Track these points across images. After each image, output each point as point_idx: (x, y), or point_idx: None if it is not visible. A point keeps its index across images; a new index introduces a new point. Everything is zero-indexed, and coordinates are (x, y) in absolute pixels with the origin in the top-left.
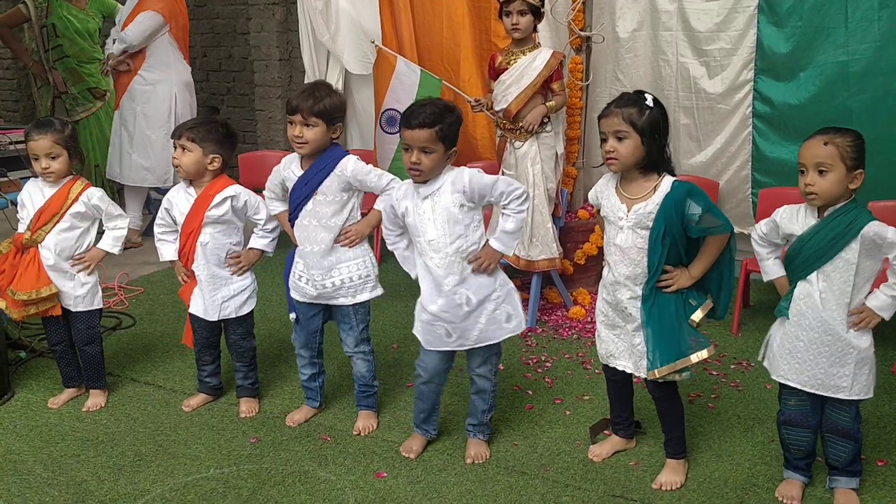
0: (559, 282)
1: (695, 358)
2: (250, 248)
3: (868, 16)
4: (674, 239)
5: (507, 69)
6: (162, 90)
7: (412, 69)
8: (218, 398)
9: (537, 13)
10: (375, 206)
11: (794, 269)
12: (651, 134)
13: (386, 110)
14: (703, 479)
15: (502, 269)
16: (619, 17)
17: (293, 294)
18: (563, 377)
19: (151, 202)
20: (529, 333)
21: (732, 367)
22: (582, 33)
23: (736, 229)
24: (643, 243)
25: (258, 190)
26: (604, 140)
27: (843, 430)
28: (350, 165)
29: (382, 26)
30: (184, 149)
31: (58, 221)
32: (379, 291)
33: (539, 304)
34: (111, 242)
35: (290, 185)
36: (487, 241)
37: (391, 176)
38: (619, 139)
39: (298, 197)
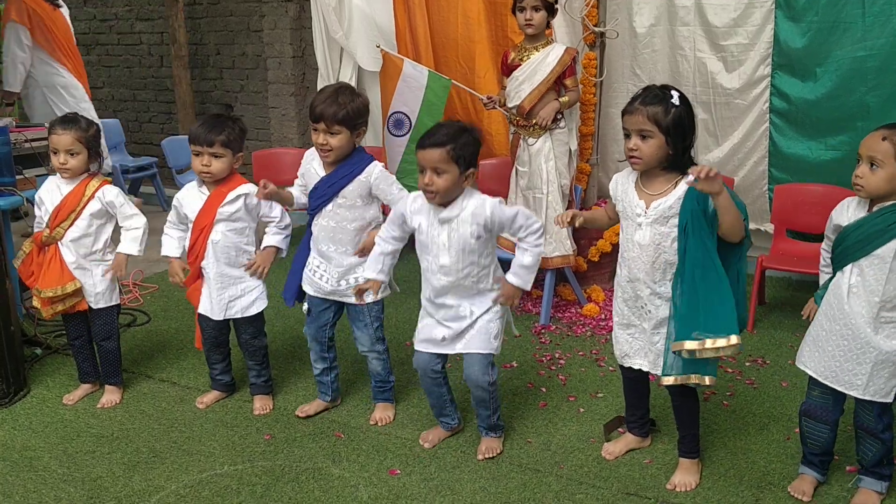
0: (573, 279)
1: (709, 381)
2: (265, 248)
3: (886, 10)
4: (699, 235)
5: (519, 65)
6: (36, 98)
7: (419, 71)
8: (231, 394)
9: (551, 9)
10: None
11: (834, 258)
12: (676, 133)
13: (393, 113)
14: (717, 476)
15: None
16: (637, 13)
17: (306, 287)
18: (577, 374)
19: (165, 198)
20: (543, 331)
21: (748, 364)
22: (596, 29)
23: (752, 225)
24: (661, 240)
25: None
26: (627, 136)
27: (867, 429)
28: (376, 172)
29: (396, 22)
30: (216, 156)
31: (75, 219)
32: (388, 291)
33: (553, 302)
34: (129, 244)
35: (310, 181)
36: (505, 278)
37: (403, 192)
38: (643, 137)
39: (320, 197)
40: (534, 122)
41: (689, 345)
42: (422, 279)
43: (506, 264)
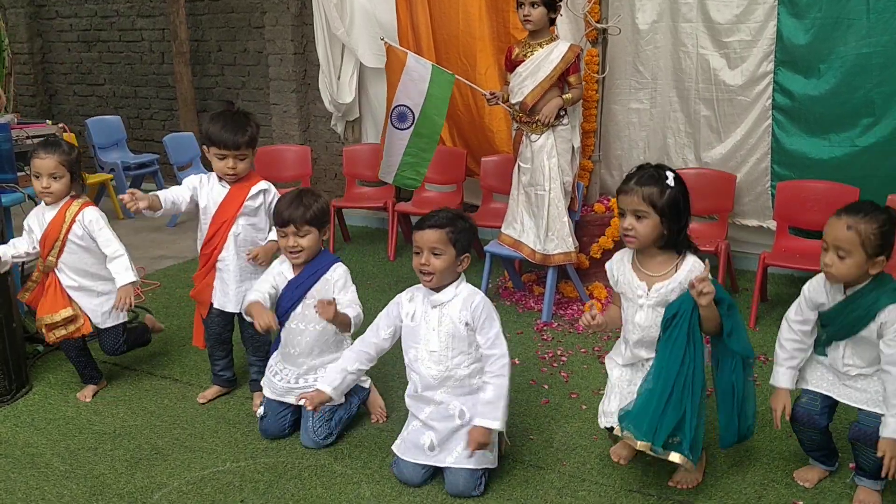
0: (575, 276)
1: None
2: (268, 241)
3: (891, 6)
4: (687, 324)
5: (523, 61)
6: None
7: (423, 64)
8: (232, 390)
9: (552, 6)
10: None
11: (827, 334)
12: (671, 213)
13: (396, 106)
14: (720, 473)
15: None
16: (639, 9)
17: (265, 390)
18: (579, 371)
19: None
20: (545, 328)
21: (750, 361)
22: (598, 25)
23: (754, 222)
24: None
25: (273, 184)
26: (622, 215)
27: (868, 439)
28: (339, 271)
29: (398, 19)
30: (241, 158)
31: (62, 246)
32: (367, 384)
33: (554, 299)
34: (125, 274)
35: (280, 285)
36: (473, 424)
37: (359, 308)
38: (638, 218)
39: (290, 300)
40: (536, 118)
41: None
42: (407, 377)
43: (503, 260)
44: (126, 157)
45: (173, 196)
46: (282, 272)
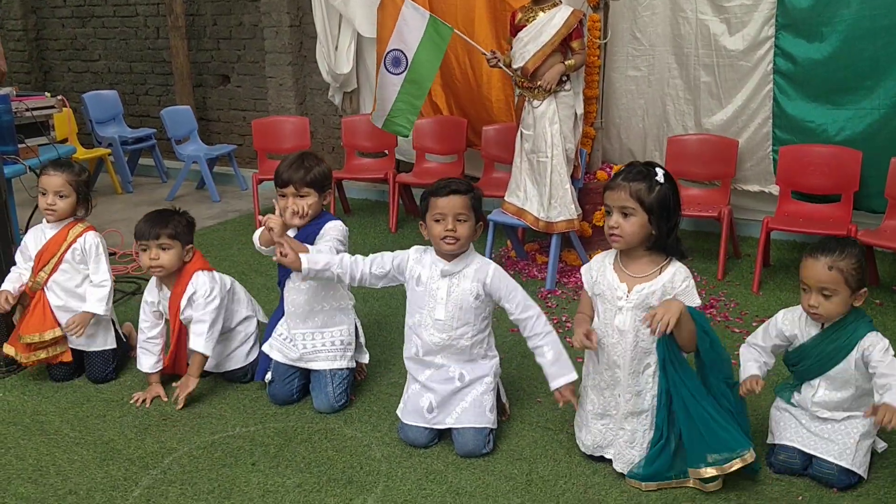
0: (578, 243)
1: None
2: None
3: None
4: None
5: (525, 26)
6: None
7: (421, 14)
8: None
9: None
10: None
11: (797, 372)
12: (660, 212)
13: (391, 51)
14: None
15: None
16: None
17: (273, 354)
18: None
19: (165, 170)
20: (549, 295)
21: (754, 324)
22: None
23: (756, 188)
24: (643, 326)
25: (271, 156)
26: (608, 213)
27: (826, 483)
28: (333, 224)
29: None
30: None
31: (57, 263)
32: (366, 359)
33: (558, 267)
34: (96, 304)
35: None
36: (553, 388)
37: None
38: (625, 215)
39: None
40: (538, 83)
41: (709, 472)
42: (406, 338)
43: (506, 229)
44: (123, 131)
45: None
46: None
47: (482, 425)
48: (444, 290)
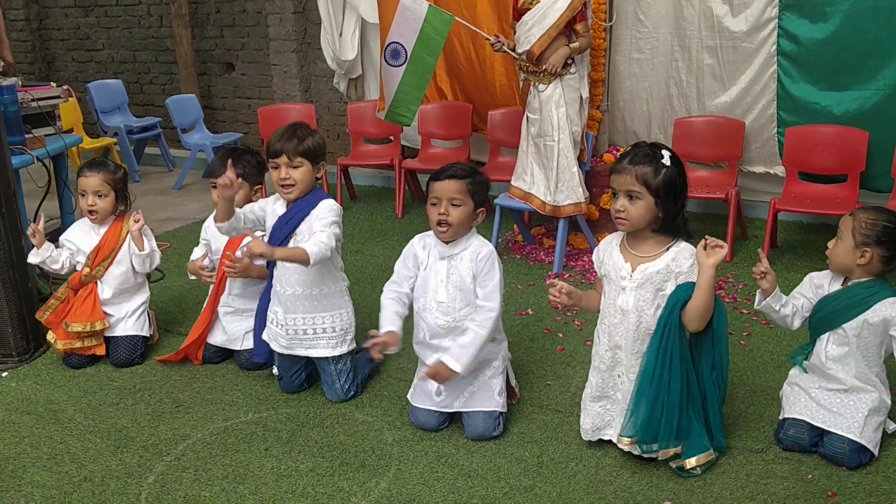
0: (585, 227)
1: (662, 456)
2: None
3: None
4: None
5: (529, 9)
6: None
7: (419, 4)
8: None
9: None
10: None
11: (812, 324)
12: (666, 195)
13: (390, 43)
14: (738, 414)
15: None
16: None
17: (272, 343)
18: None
19: (171, 159)
20: (557, 278)
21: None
22: None
23: (761, 169)
24: (644, 306)
25: None
26: (614, 196)
27: (838, 461)
28: (325, 203)
29: None
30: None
31: (115, 257)
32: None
33: (565, 250)
34: (143, 256)
35: (270, 222)
36: (439, 359)
37: (324, 246)
38: (631, 198)
39: (279, 237)
40: (544, 67)
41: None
42: (414, 323)
43: (512, 213)
44: (129, 120)
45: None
46: (274, 210)
47: (490, 409)
48: (444, 272)
